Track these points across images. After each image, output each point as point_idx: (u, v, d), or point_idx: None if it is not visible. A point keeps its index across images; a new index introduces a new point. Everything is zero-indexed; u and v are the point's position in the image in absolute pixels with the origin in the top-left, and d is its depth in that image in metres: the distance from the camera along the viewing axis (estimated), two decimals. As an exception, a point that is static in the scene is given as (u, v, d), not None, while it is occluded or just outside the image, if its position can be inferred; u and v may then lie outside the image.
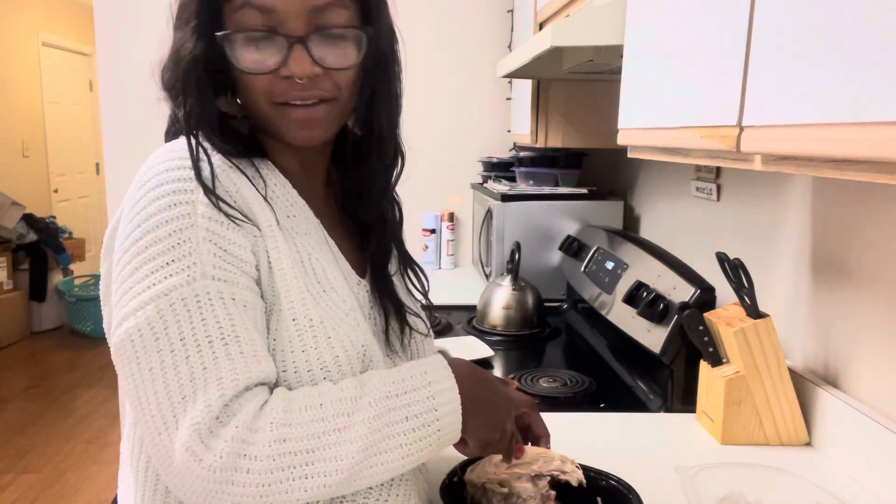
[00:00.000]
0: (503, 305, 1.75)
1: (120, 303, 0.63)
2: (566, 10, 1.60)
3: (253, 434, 0.59)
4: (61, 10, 5.80)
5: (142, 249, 0.63)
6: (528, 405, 0.87)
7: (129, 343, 0.62)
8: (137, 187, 0.66)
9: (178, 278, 0.62)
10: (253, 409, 0.60)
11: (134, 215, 0.65)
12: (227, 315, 0.62)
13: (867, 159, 0.53)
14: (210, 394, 0.60)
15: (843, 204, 1.07)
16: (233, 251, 0.64)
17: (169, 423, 0.60)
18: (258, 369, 0.63)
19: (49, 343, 4.66)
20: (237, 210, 0.66)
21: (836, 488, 0.94)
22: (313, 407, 0.62)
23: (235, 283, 0.64)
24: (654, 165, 1.86)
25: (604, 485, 0.84)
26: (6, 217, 4.49)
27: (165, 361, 0.60)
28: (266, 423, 0.60)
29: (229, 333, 0.62)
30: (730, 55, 0.74)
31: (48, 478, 2.88)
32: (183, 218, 0.63)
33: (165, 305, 0.61)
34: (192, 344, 0.61)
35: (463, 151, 2.57)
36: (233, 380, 0.61)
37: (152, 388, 0.60)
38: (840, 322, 1.07)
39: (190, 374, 0.60)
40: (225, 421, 0.59)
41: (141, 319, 0.61)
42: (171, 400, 0.60)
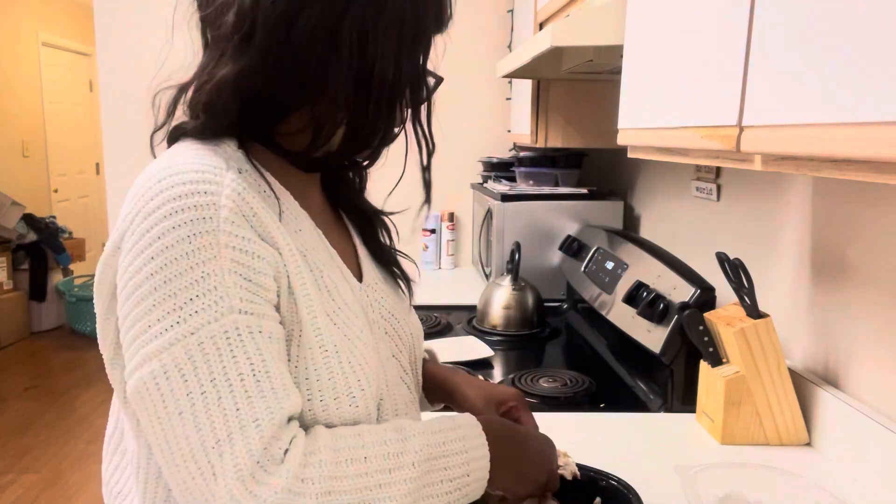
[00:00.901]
0: (503, 305, 1.75)
1: (138, 342, 0.59)
2: (566, 10, 1.60)
3: (301, 485, 0.58)
4: (61, 10, 5.80)
5: (160, 284, 0.58)
6: (515, 398, 0.87)
7: (154, 387, 0.58)
8: (145, 214, 0.60)
9: (206, 315, 0.58)
10: (299, 455, 0.59)
11: (146, 245, 0.59)
12: (258, 350, 0.60)
13: (867, 159, 0.53)
14: (249, 437, 0.57)
15: (843, 204, 1.07)
16: (257, 280, 0.61)
17: (204, 469, 0.57)
18: (289, 404, 0.61)
19: (49, 343, 4.66)
20: (258, 234, 0.62)
21: (836, 488, 0.94)
22: (359, 461, 0.62)
23: (262, 315, 0.61)
24: (654, 165, 1.86)
25: (603, 485, 0.84)
26: (6, 217, 4.49)
27: (196, 405, 0.57)
28: (315, 475, 0.59)
29: (260, 370, 0.59)
30: (730, 55, 0.74)
31: (48, 478, 2.88)
32: (206, 249, 0.59)
33: (194, 344, 0.58)
34: (224, 384, 0.58)
35: (463, 151, 2.57)
36: (269, 420, 0.58)
37: (183, 433, 0.57)
38: (840, 322, 1.07)
39: (223, 416, 0.57)
40: (268, 468, 0.58)
41: (167, 361, 0.58)
42: (205, 445, 0.57)
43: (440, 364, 0.96)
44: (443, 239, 2.55)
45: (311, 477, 0.59)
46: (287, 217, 0.68)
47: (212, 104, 0.66)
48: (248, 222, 0.62)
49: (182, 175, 0.60)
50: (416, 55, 0.67)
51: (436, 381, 0.91)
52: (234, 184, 0.61)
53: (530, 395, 1.32)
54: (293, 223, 0.69)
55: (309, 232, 0.71)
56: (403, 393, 0.79)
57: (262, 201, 0.64)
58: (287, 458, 0.58)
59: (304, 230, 0.70)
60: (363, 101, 0.66)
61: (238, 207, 0.61)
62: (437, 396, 0.91)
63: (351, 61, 0.64)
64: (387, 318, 0.80)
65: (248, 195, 0.62)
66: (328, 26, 0.63)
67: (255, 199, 0.63)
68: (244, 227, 0.61)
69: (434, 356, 0.98)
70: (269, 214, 0.64)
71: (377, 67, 0.64)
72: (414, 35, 0.66)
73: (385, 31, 0.64)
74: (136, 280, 0.59)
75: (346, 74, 0.64)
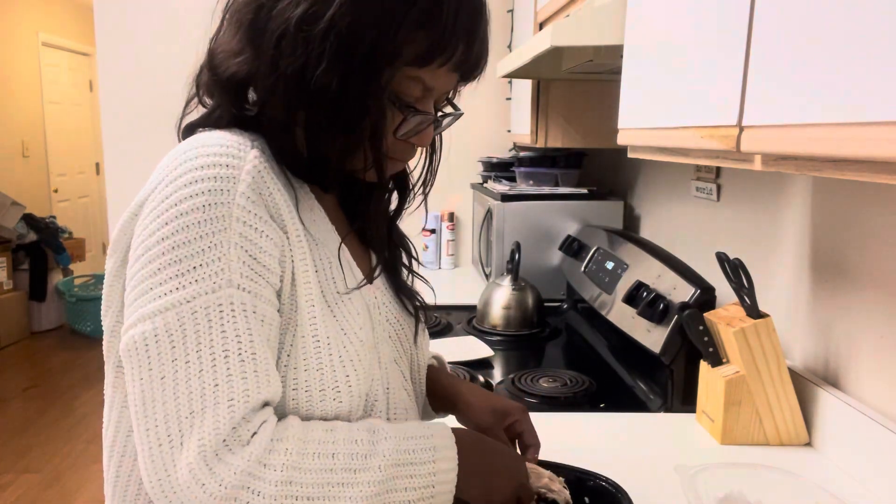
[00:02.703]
0: (503, 305, 1.75)
1: (138, 301, 0.61)
2: (566, 10, 1.60)
3: (262, 469, 0.58)
4: (61, 10, 5.80)
5: (168, 249, 0.60)
6: (520, 412, 0.87)
7: (143, 347, 0.60)
8: (168, 182, 0.62)
9: (204, 285, 0.59)
10: (265, 440, 0.59)
11: (163, 211, 0.61)
12: (248, 329, 0.60)
13: (867, 159, 0.53)
14: (220, 414, 0.58)
15: (843, 204, 1.07)
16: (262, 260, 0.62)
17: (173, 437, 0.58)
18: (268, 390, 0.61)
19: (49, 343, 4.66)
20: (270, 215, 0.64)
21: (836, 488, 0.94)
22: (326, 455, 0.61)
23: (259, 296, 0.62)
24: (654, 165, 1.86)
25: (591, 485, 0.84)
26: (6, 217, 4.49)
27: (179, 372, 0.58)
28: (278, 462, 0.59)
29: (247, 350, 0.60)
30: (730, 55, 0.74)
31: (48, 478, 2.88)
32: (217, 221, 0.60)
33: (187, 313, 0.59)
34: (208, 357, 0.59)
35: (463, 151, 2.56)
36: (244, 402, 0.59)
37: (161, 397, 0.59)
38: (840, 322, 1.07)
39: (201, 389, 0.58)
40: (233, 447, 0.58)
41: (159, 324, 0.59)
42: (179, 414, 0.58)
43: (447, 371, 0.95)
44: (443, 239, 2.55)
45: (274, 463, 0.59)
46: (303, 206, 0.70)
47: (208, 85, 0.69)
48: (264, 200, 0.63)
49: (207, 148, 0.63)
50: (375, 77, 0.64)
51: (440, 389, 0.90)
52: (256, 161, 0.64)
53: (530, 395, 1.32)
54: (308, 213, 0.70)
55: (322, 224, 0.72)
56: (403, 399, 0.79)
57: (280, 185, 0.66)
58: (253, 441, 0.59)
59: (318, 221, 0.71)
60: (312, 112, 0.66)
61: (256, 184, 0.63)
62: (441, 405, 0.91)
63: (272, 55, 0.64)
64: (392, 322, 0.80)
65: (267, 174, 0.64)
66: (260, 14, 0.65)
67: (274, 180, 0.65)
68: (258, 205, 0.62)
69: (442, 362, 0.97)
70: (285, 197, 0.65)
71: (314, 75, 0.63)
72: (372, 56, 0.63)
73: (320, 38, 0.62)
74: (148, 243, 0.61)
75: (267, 68, 0.64)
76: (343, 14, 0.62)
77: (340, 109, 0.65)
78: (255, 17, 0.65)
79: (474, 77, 0.72)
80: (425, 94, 0.69)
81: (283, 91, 0.64)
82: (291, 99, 0.65)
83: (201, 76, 0.71)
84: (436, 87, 0.69)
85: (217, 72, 0.68)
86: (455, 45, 0.66)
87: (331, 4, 0.62)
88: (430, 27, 0.64)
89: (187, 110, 0.72)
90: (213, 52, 0.69)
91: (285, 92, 0.64)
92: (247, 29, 0.65)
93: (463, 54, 0.67)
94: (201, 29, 0.72)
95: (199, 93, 0.71)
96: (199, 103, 0.72)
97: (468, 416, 0.87)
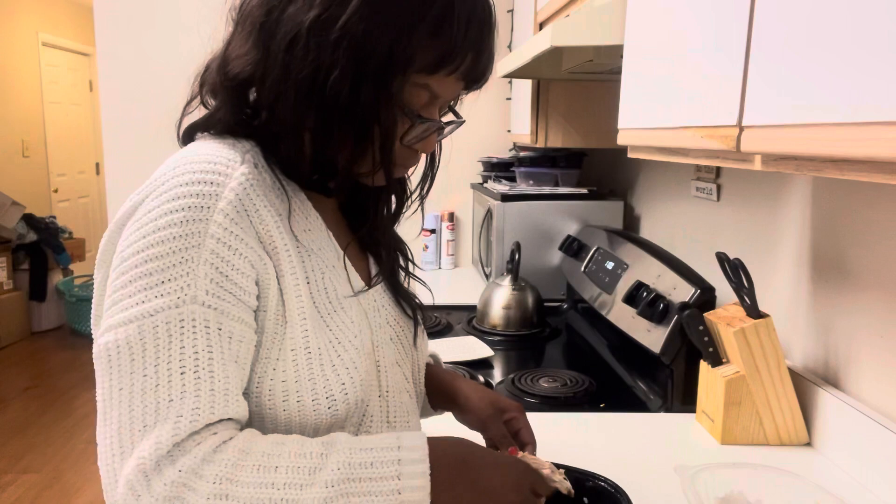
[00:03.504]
0: (503, 305, 1.75)
1: (109, 311, 0.61)
2: (566, 10, 1.60)
3: (196, 480, 0.56)
4: (61, 10, 5.80)
5: (142, 262, 0.60)
6: (517, 410, 0.87)
7: (105, 356, 0.60)
8: (153, 196, 0.62)
9: (168, 300, 0.59)
10: (205, 451, 0.57)
11: (143, 224, 0.61)
12: (207, 346, 0.60)
13: (867, 159, 0.53)
14: (163, 430, 0.57)
15: (843, 204, 1.07)
16: (234, 278, 0.61)
17: (125, 448, 0.58)
18: (224, 409, 0.60)
19: (49, 343, 4.66)
20: (256, 231, 0.63)
21: (836, 488, 0.94)
22: (267, 469, 0.58)
23: (226, 313, 0.61)
24: (654, 165, 1.86)
25: (589, 485, 0.84)
26: (6, 217, 4.49)
27: (135, 385, 0.58)
28: (212, 473, 0.57)
29: (204, 367, 0.59)
30: (730, 55, 0.74)
31: (48, 478, 2.88)
32: (191, 237, 0.60)
33: (148, 326, 0.59)
34: (165, 372, 0.58)
35: (463, 151, 2.57)
36: (191, 420, 0.58)
37: (118, 408, 0.59)
38: (840, 322, 1.07)
39: (155, 403, 0.58)
40: (174, 459, 0.57)
41: (121, 336, 0.59)
42: (133, 426, 0.58)
43: (444, 368, 0.95)
44: (443, 239, 2.55)
45: (208, 475, 0.56)
46: (297, 216, 0.69)
47: (213, 85, 0.69)
48: (249, 218, 0.63)
49: (195, 164, 0.63)
50: (386, 84, 0.64)
51: (438, 384, 0.91)
52: (242, 178, 0.63)
53: (530, 395, 1.32)
54: (303, 222, 0.70)
55: (317, 232, 0.71)
56: (405, 401, 0.79)
57: (272, 199, 0.65)
58: (193, 451, 0.57)
59: (312, 230, 0.71)
60: (322, 116, 0.65)
61: (239, 201, 0.62)
62: (440, 401, 0.91)
63: (283, 58, 0.63)
64: (392, 324, 0.80)
65: (253, 191, 0.64)
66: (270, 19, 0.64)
67: (261, 195, 0.64)
68: (239, 224, 0.62)
69: (438, 360, 0.97)
70: (272, 212, 0.65)
71: (327, 81, 0.63)
72: (385, 63, 0.63)
73: (333, 44, 0.62)
74: (126, 254, 0.62)
75: (277, 72, 0.64)
76: (357, 20, 0.62)
77: (351, 115, 0.65)
78: (266, 20, 0.65)
79: (480, 86, 0.73)
80: (431, 102, 0.70)
81: (294, 95, 0.64)
82: (301, 103, 0.65)
83: (207, 76, 0.70)
84: (442, 94, 0.69)
85: (226, 73, 0.67)
86: (465, 54, 0.66)
87: (345, 10, 0.62)
88: (442, 36, 0.64)
89: (188, 110, 0.72)
90: (225, 53, 0.69)
91: (295, 96, 0.64)
92: (258, 31, 0.65)
93: (471, 63, 0.68)
94: (205, 29, 0.72)
95: (202, 92, 0.71)
96: (202, 103, 0.72)
97: (468, 410, 0.87)
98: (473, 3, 0.66)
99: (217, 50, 0.70)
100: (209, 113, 0.71)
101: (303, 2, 0.63)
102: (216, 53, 0.70)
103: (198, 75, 0.71)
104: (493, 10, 0.70)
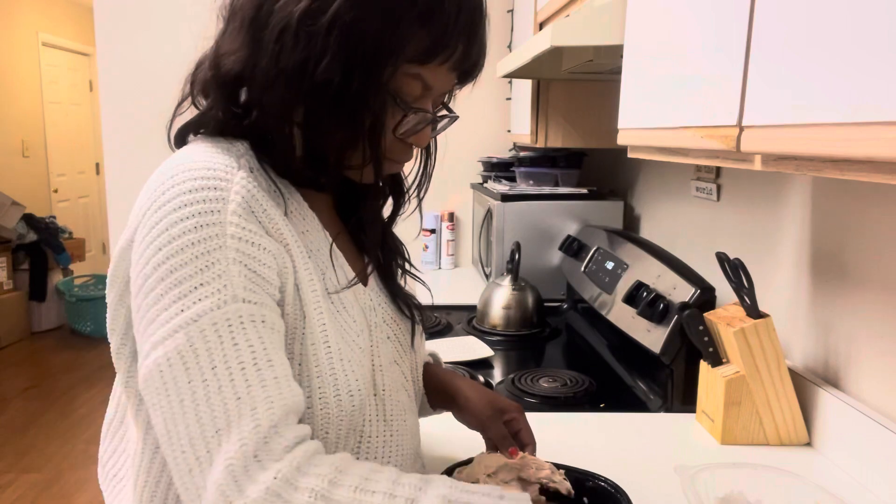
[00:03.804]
0: (503, 305, 1.75)
1: (147, 332, 0.60)
2: (566, 10, 1.60)
3: (291, 491, 0.55)
4: (61, 10, 5.80)
5: (167, 274, 0.59)
6: (517, 410, 0.87)
7: (157, 374, 0.58)
8: (156, 208, 0.61)
9: (209, 302, 0.58)
10: (298, 459, 0.56)
11: (155, 237, 0.60)
12: (259, 339, 0.59)
13: (867, 159, 0.53)
14: (244, 427, 0.56)
15: (843, 204, 1.07)
16: (261, 272, 0.61)
17: (202, 459, 0.56)
18: (290, 395, 0.60)
19: (49, 343, 4.66)
20: (266, 230, 0.63)
21: (836, 488, 0.94)
22: (364, 492, 0.57)
23: (264, 305, 0.61)
24: (654, 165, 1.86)
25: (589, 485, 0.84)
26: (6, 217, 4.49)
27: (197, 392, 0.57)
28: (307, 487, 0.55)
29: (262, 358, 0.59)
30: (730, 55, 0.74)
31: (48, 478, 2.88)
32: (212, 239, 0.59)
33: (196, 332, 0.58)
34: (225, 372, 0.57)
35: (463, 151, 2.57)
36: (268, 409, 0.57)
37: (183, 421, 0.57)
38: (840, 322, 1.07)
39: (223, 405, 0.56)
40: (264, 462, 0.55)
41: (170, 348, 0.58)
42: (205, 434, 0.56)
43: (443, 368, 0.95)
44: (443, 239, 2.55)
45: (304, 487, 0.55)
46: (294, 217, 0.69)
47: (204, 83, 0.69)
48: (257, 217, 0.63)
49: (194, 171, 0.62)
50: (377, 72, 0.64)
51: (438, 384, 0.91)
52: (244, 181, 0.63)
53: (530, 395, 1.32)
54: (300, 224, 0.70)
55: (315, 233, 0.71)
56: (403, 399, 0.79)
57: (271, 200, 0.65)
58: (285, 458, 0.56)
59: (310, 231, 0.71)
60: (312, 106, 0.66)
61: (246, 202, 0.62)
62: (439, 400, 0.91)
63: (273, 49, 0.63)
64: (389, 323, 0.80)
65: (257, 192, 0.64)
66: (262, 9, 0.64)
67: (265, 196, 0.64)
68: (251, 221, 0.62)
69: (438, 359, 0.97)
70: (278, 212, 0.65)
71: (317, 70, 0.63)
72: (375, 51, 0.63)
73: (323, 33, 0.62)
74: (146, 271, 0.60)
75: (267, 63, 0.64)
76: (348, 8, 0.62)
77: (341, 104, 0.65)
78: (257, 14, 0.65)
79: (472, 78, 0.73)
80: (424, 94, 0.70)
81: (284, 84, 0.64)
82: (291, 93, 0.65)
83: (198, 74, 0.70)
84: (435, 86, 0.69)
85: (217, 69, 0.67)
86: (455, 42, 0.66)
87: (334, 0, 0.62)
88: (431, 24, 0.65)
89: (179, 111, 0.72)
90: (216, 50, 0.69)
91: (286, 86, 0.64)
92: (248, 26, 0.65)
93: (463, 53, 0.68)
94: (199, 28, 0.72)
95: (194, 92, 0.71)
96: (193, 104, 0.71)
97: (468, 410, 0.87)
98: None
99: (207, 49, 0.70)
100: (201, 112, 0.70)
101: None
102: (206, 52, 0.70)
103: (188, 75, 0.71)
104: (483, 0, 0.70)
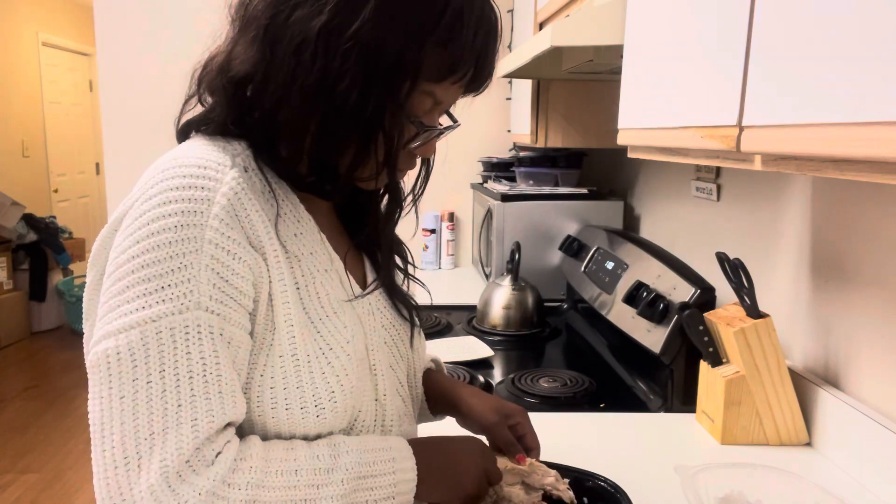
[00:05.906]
0: (503, 305, 1.75)
1: (105, 318, 0.60)
2: (566, 10, 1.60)
3: (226, 489, 0.58)
4: (61, 10, 5.80)
5: (138, 267, 0.59)
6: (521, 414, 0.87)
7: (104, 364, 0.59)
8: (144, 199, 0.61)
9: (170, 305, 0.58)
10: (229, 460, 0.59)
11: (136, 229, 0.60)
12: (214, 352, 0.60)
13: (867, 159, 0.53)
14: (183, 435, 0.57)
15: (843, 204, 1.07)
16: (234, 282, 0.61)
17: (130, 459, 0.57)
18: (233, 411, 0.61)
19: (49, 343, 4.66)
20: (248, 238, 0.63)
21: (836, 488, 0.94)
22: (289, 472, 0.62)
23: (227, 318, 0.61)
24: (654, 165, 1.86)
25: (589, 485, 0.84)
26: (6, 217, 4.49)
27: (139, 393, 0.57)
28: (242, 481, 0.59)
29: (211, 371, 0.59)
30: (730, 55, 0.74)
31: (48, 478, 2.88)
32: (189, 241, 0.59)
33: (152, 332, 0.58)
34: (172, 378, 0.58)
35: (463, 151, 2.57)
36: (208, 422, 0.58)
37: (119, 418, 0.57)
38: (840, 322, 1.07)
39: (163, 410, 0.57)
40: (197, 468, 0.57)
41: (122, 342, 0.58)
42: (138, 435, 0.57)
43: (445, 374, 0.95)
44: (443, 239, 2.55)
45: (238, 482, 0.59)
46: (287, 220, 0.68)
47: (212, 84, 0.68)
48: (240, 223, 0.62)
49: (185, 168, 0.62)
50: (395, 91, 0.64)
51: (440, 391, 0.90)
52: (234, 182, 0.63)
53: (530, 396, 1.32)
54: (293, 226, 0.69)
55: (309, 236, 0.70)
56: (398, 405, 0.78)
57: (262, 202, 0.65)
58: (217, 461, 0.59)
59: (304, 233, 0.70)
60: (326, 122, 0.65)
61: (231, 206, 0.62)
62: (442, 407, 0.90)
63: (289, 63, 0.63)
64: (387, 328, 0.80)
65: (245, 196, 0.63)
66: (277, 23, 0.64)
67: (252, 200, 0.64)
68: (233, 227, 0.62)
69: (440, 365, 0.97)
70: (263, 218, 0.64)
71: (335, 88, 0.62)
72: (396, 71, 0.63)
73: (344, 51, 0.62)
74: (120, 260, 0.61)
75: (283, 76, 0.63)
76: (370, 29, 0.61)
77: (357, 122, 0.65)
78: (271, 23, 0.64)
79: (479, 93, 0.74)
80: (434, 108, 0.70)
81: (299, 100, 0.64)
82: (306, 108, 0.64)
83: (206, 74, 0.69)
84: (445, 101, 0.70)
85: (228, 75, 0.67)
86: (471, 62, 0.67)
87: (356, 18, 0.61)
88: (451, 45, 0.65)
89: (186, 108, 0.72)
90: (229, 54, 0.68)
91: (301, 101, 0.64)
92: (262, 34, 0.64)
93: (476, 72, 0.68)
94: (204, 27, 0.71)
95: (200, 90, 0.70)
96: (199, 101, 0.71)
97: (471, 418, 0.87)
98: (482, 13, 0.66)
99: (216, 48, 0.70)
100: (206, 110, 0.70)
101: (310, 7, 0.62)
102: (217, 52, 0.69)
103: (196, 72, 0.71)
104: (499, 20, 0.70)
